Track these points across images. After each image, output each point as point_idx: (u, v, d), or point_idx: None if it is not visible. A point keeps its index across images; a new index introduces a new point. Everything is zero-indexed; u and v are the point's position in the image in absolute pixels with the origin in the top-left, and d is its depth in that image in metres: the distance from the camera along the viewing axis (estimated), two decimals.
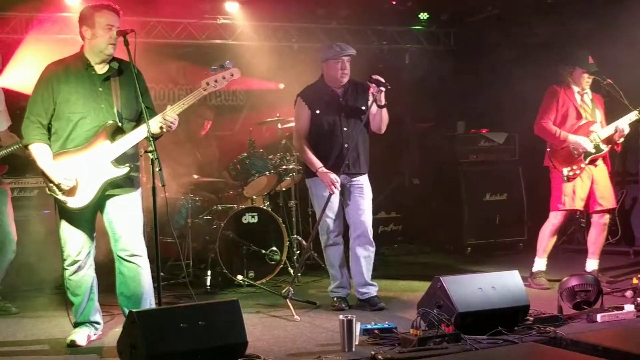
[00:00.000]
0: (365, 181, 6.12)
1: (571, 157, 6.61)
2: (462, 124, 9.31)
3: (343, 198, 6.08)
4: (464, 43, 10.11)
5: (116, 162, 4.89)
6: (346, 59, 6.02)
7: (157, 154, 4.62)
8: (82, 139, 4.89)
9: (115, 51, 4.97)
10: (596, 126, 6.64)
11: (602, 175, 6.72)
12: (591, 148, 6.56)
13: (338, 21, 9.46)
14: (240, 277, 6.73)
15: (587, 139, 6.57)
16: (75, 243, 5.01)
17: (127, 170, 4.92)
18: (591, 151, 6.56)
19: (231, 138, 9.05)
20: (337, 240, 6.11)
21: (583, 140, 6.57)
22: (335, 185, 5.86)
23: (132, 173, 5.00)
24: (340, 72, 6.02)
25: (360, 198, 6.05)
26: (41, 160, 4.88)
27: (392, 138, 6.38)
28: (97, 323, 5.23)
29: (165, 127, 4.88)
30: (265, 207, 7.67)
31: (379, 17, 9.46)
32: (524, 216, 8.97)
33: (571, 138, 6.60)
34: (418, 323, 4.71)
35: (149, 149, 4.62)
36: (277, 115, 7.82)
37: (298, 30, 9.44)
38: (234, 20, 9.00)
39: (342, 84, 6.08)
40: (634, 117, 6.56)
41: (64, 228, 5.02)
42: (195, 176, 7.68)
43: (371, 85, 5.89)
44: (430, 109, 9.47)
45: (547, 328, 4.88)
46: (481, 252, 8.73)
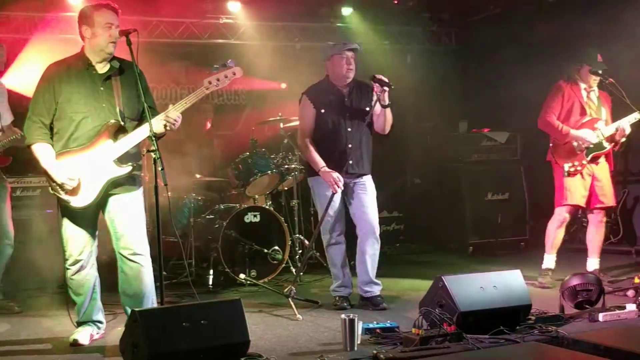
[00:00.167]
0: (368, 180, 6.12)
1: (573, 153, 6.62)
2: (464, 124, 9.31)
3: (347, 197, 6.08)
4: (466, 42, 10.12)
5: (119, 161, 4.89)
6: (350, 55, 5.99)
7: (160, 153, 4.61)
8: (85, 139, 4.89)
9: (115, 50, 4.97)
10: (600, 123, 6.65)
11: (604, 173, 6.72)
12: (595, 140, 6.56)
13: (340, 21, 9.46)
14: (242, 276, 6.75)
15: (592, 133, 6.58)
16: (77, 242, 5.01)
17: (130, 169, 4.92)
18: (595, 143, 6.57)
19: (233, 137, 9.05)
20: (340, 239, 6.11)
21: (587, 133, 6.58)
22: (338, 184, 5.85)
23: (135, 172, 5.00)
24: (345, 68, 5.97)
25: (364, 196, 6.04)
26: (44, 160, 4.88)
27: (394, 138, 6.37)
28: (100, 322, 5.23)
29: (168, 126, 4.87)
30: (267, 207, 7.68)
31: (381, 17, 9.46)
32: (526, 215, 8.98)
33: (574, 132, 6.61)
34: (420, 322, 4.71)
35: (152, 149, 4.61)
36: (279, 114, 7.81)
37: (300, 29, 9.44)
38: (237, 19, 9.01)
39: (347, 82, 6.05)
40: (638, 117, 6.57)
41: (67, 227, 5.02)
42: (197, 175, 7.68)
43: (374, 84, 5.87)
44: (432, 109, 9.47)
45: (549, 327, 4.90)
46: (483, 252, 8.72)
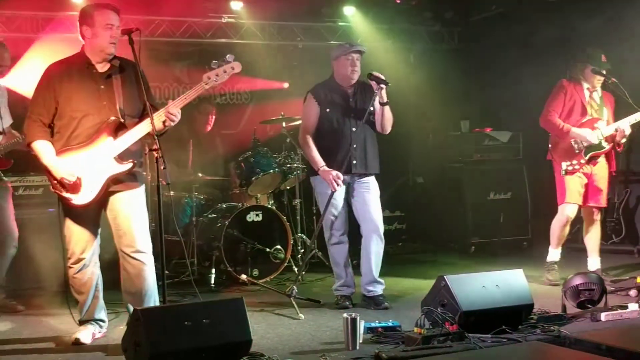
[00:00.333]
0: (372, 180, 6.12)
1: (571, 152, 6.62)
2: (466, 123, 9.32)
3: (350, 197, 6.08)
4: (468, 42, 10.12)
5: (119, 158, 4.90)
6: (356, 57, 6.02)
7: (162, 152, 4.62)
8: (85, 136, 4.90)
9: (116, 50, 4.98)
10: (601, 123, 6.65)
11: (602, 173, 6.72)
12: (595, 140, 6.56)
13: (343, 20, 9.47)
14: (244, 277, 6.75)
15: (592, 132, 6.58)
16: (79, 241, 5.02)
17: (130, 165, 4.92)
18: (594, 143, 6.56)
19: (236, 136, 9.05)
20: (342, 239, 6.11)
21: (587, 132, 6.58)
22: (337, 182, 5.87)
23: (136, 169, 5.00)
24: (350, 69, 6.01)
25: (367, 195, 6.05)
26: (44, 156, 4.89)
27: (396, 137, 6.37)
28: (102, 321, 5.23)
29: (167, 121, 4.87)
30: (269, 206, 7.68)
31: (384, 16, 9.47)
32: (528, 215, 8.97)
33: (575, 131, 6.61)
34: (422, 321, 4.71)
35: (154, 147, 4.62)
36: (282, 114, 7.82)
37: (302, 29, 9.44)
38: (239, 19, 9.01)
39: (352, 83, 6.08)
40: (634, 120, 6.54)
41: (69, 226, 5.03)
42: (200, 174, 7.69)
43: (371, 82, 5.92)
44: (434, 108, 9.46)
45: (551, 327, 4.90)
46: (485, 251, 8.72)
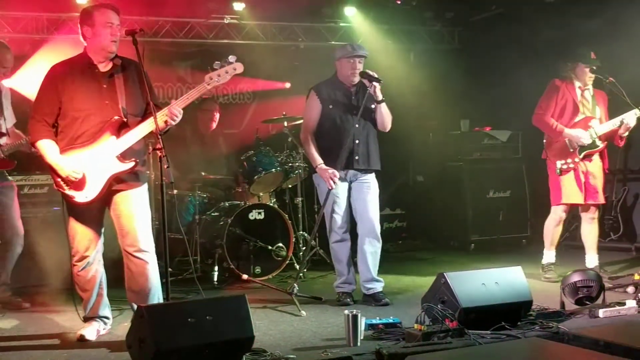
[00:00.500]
0: (372, 179, 6.17)
1: (566, 151, 6.64)
2: (466, 122, 9.35)
3: (350, 195, 6.14)
4: (468, 42, 10.13)
5: (122, 157, 4.93)
6: (357, 60, 6.10)
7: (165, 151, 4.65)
8: (88, 136, 4.93)
9: (117, 48, 5.01)
10: (594, 122, 6.67)
11: (597, 170, 6.73)
12: (589, 141, 6.59)
13: (344, 20, 9.51)
14: (245, 277, 6.80)
15: (586, 132, 6.61)
16: (83, 239, 5.05)
17: (133, 164, 4.95)
18: (588, 143, 6.60)
19: (238, 136, 9.08)
20: (345, 236, 6.16)
21: (581, 133, 6.60)
22: (334, 180, 5.94)
23: (138, 168, 5.03)
24: (351, 72, 6.11)
25: (367, 194, 6.11)
26: (49, 155, 4.92)
27: (397, 135, 6.42)
28: (107, 318, 5.26)
29: (169, 120, 4.89)
30: (271, 204, 7.72)
31: (384, 17, 9.50)
32: (527, 213, 9.00)
33: (568, 131, 6.64)
34: (422, 318, 4.75)
35: (157, 146, 4.64)
36: (284, 113, 7.84)
37: (304, 29, 9.47)
38: (241, 19, 9.03)
39: (354, 83, 6.16)
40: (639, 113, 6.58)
41: (73, 224, 5.07)
42: (202, 173, 7.72)
43: (364, 80, 6.02)
44: (434, 107, 9.48)
45: (550, 323, 4.93)
46: (485, 249, 8.75)
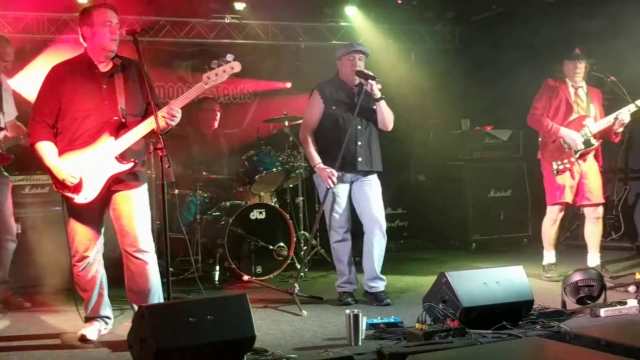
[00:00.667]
0: (374, 178, 6.17)
1: (561, 151, 6.64)
2: (467, 122, 9.33)
3: (353, 195, 6.14)
4: (469, 41, 10.14)
5: (120, 158, 4.93)
6: (358, 57, 6.07)
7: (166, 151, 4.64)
8: (87, 136, 4.93)
9: (117, 47, 5.01)
10: (589, 120, 6.66)
11: (591, 169, 6.73)
12: (581, 144, 6.58)
13: (345, 20, 9.51)
14: (246, 278, 6.80)
15: (579, 134, 6.59)
16: (83, 239, 5.06)
17: (131, 165, 4.95)
18: (581, 147, 6.60)
19: (239, 135, 9.09)
20: (346, 236, 6.16)
21: (576, 136, 6.58)
22: (332, 179, 5.94)
23: (138, 168, 5.03)
24: (351, 69, 6.07)
25: (370, 193, 6.10)
26: (47, 158, 4.93)
27: (398, 135, 6.42)
28: (108, 318, 5.27)
29: (168, 120, 4.88)
30: (272, 204, 7.72)
31: (385, 16, 9.51)
32: (528, 212, 8.98)
33: (563, 131, 6.64)
34: (423, 317, 4.76)
35: (158, 146, 4.63)
36: (284, 112, 7.85)
37: (305, 29, 9.47)
38: (242, 19, 9.03)
39: (356, 83, 6.13)
40: (634, 108, 6.54)
41: (73, 225, 5.07)
42: (204, 173, 7.73)
43: (360, 79, 6.03)
44: (435, 107, 9.49)
45: (551, 322, 4.94)
46: (486, 248, 8.75)
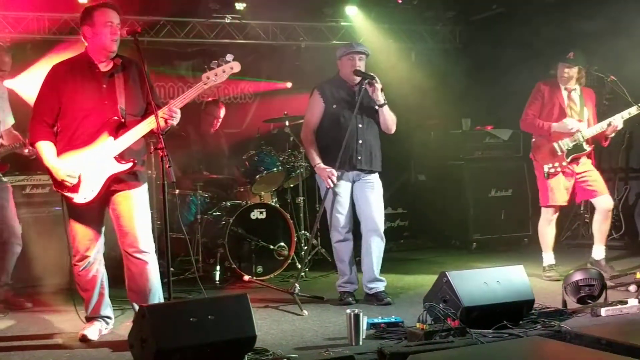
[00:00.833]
0: (376, 179, 6.18)
1: (553, 154, 6.65)
2: (467, 121, 9.34)
3: (354, 195, 6.14)
4: (469, 41, 10.15)
5: (120, 158, 4.93)
6: (357, 57, 6.08)
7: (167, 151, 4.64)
8: (87, 136, 4.93)
9: (117, 48, 5.01)
10: (582, 125, 6.66)
11: (588, 167, 6.72)
12: (577, 126, 6.58)
13: (345, 20, 9.51)
14: (247, 278, 6.80)
15: (574, 120, 6.60)
16: (84, 239, 5.06)
17: (131, 165, 4.95)
18: (574, 145, 6.59)
19: (240, 135, 9.09)
20: (347, 236, 6.16)
21: (568, 121, 6.59)
22: (332, 179, 5.95)
23: (137, 168, 5.03)
24: (351, 69, 6.08)
25: (370, 194, 6.11)
26: (46, 158, 4.94)
27: (398, 134, 6.42)
28: (108, 317, 5.28)
29: (168, 120, 4.87)
30: (273, 203, 7.72)
31: (386, 16, 9.51)
32: (529, 212, 8.95)
33: (555, 125, 6.64)
34: (424, 317, 4.77)
35: (159, 146, 4.63)
36: (285, 112, 7.85)
37: (305, 29, 9.47)
38: (242, 19, 9.03)
39: (356, 82, 6.13)
40: (634, 112, 6.54)
41: (73, 225, 5.07)
42: (205, 173, 7.73)
43: (358, 78, 6.04)
44: (435, 106, 9.49)
45: (552, 322, 4.94)
46: (486, 248, 8.75)
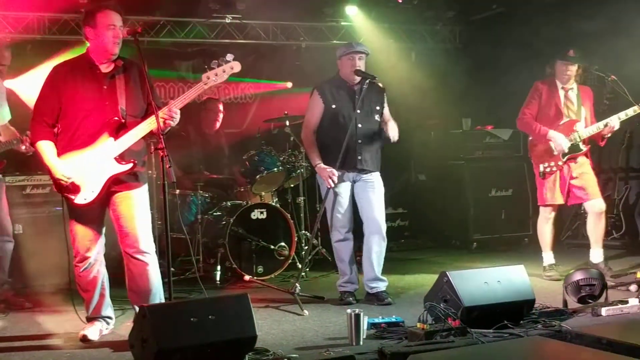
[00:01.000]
0: (377, 178, 6.18)
1: (549, 154, 6.65)
2: (468, 121, 9.35)
3: (355, 195, 6.14)
4: (469, 41, 10.15)
5: (120, 158, 4.94)
6: (357, 57, 6.08)
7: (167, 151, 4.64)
8: (87, 137, 4.94)
9: (119, 50, 5.01)
10: (579, 125, 6.65)
11: (583, 169, 6.71)
12: (566, 147, 6.57)
13: (345, 20, 9.51)
14: (247, 277, 6.80)
15: (566, 139, 6.57)
16: (84, 240, 5.06)
17: (131, 165, 4.96)
18: (568, 150, 6.58)
19: (240, 135, 9.09)
20: (348, 235, 6.17)
21: (561, 140, 6.56)
22: (332, 179, 5.95)
23: (137, 169, 5.03)
24: (351, 69, 6.09)
25: (372, 194, 6.11)
26: (46, 157, 4.95)
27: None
28: (109, 318, 5.28)
29: (168, 120, 4.88)
30: (273, 203, 7.72)
31: (386, 16, 9.51)
32: (529, 211, 8.94)
33: (551, 133, 6.62)
34: (425, 317, 4.77)
35: (159, 146, 4.63)
36: (286, 112, 7.84)
37: (305, 29, 9.46)
38: (242, 19, 9.03)
39: (356, 82, 6.13)
40: (631, 113, 6.51)
41: (73, 225, 5.08)
42: (205, 173, 7.74)
43: (359, 77, 6.05)
44: (435, 106, 9.49)
45: (553, 322, 4.94)
46: (487, 247, 8.76)
